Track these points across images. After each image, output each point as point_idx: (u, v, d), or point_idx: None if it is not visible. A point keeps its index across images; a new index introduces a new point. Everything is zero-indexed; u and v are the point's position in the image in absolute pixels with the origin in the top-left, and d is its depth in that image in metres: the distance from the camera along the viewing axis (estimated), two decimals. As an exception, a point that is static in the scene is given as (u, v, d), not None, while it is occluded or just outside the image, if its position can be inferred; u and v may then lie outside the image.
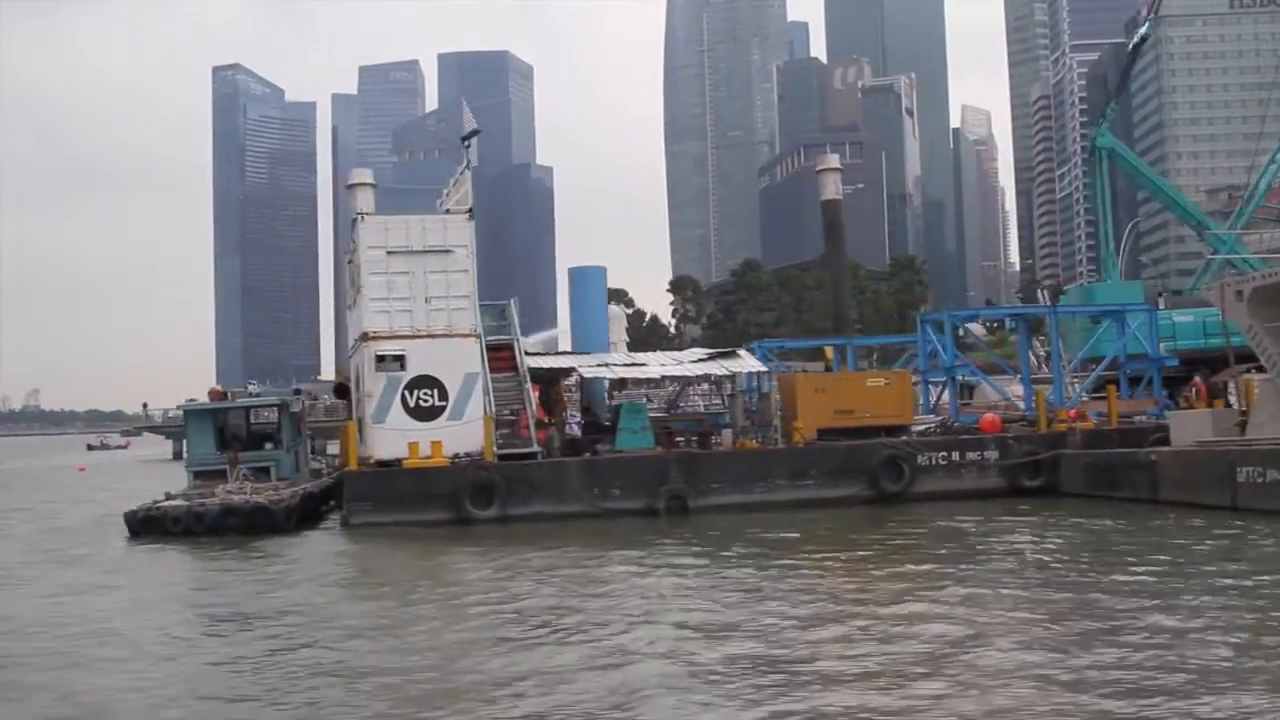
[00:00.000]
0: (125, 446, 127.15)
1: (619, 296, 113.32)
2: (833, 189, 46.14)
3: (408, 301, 30.27)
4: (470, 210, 31.10)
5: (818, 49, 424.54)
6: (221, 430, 33.54)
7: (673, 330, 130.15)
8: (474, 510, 28.42)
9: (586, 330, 36.02)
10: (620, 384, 36.04)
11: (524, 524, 27.96)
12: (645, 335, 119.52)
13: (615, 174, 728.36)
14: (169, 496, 30.06)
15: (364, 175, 43.48)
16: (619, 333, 43.45)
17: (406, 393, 29.92)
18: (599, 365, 32.52)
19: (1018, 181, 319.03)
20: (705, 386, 37.19)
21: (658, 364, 33.13)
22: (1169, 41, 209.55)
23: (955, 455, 31.49)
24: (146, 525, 27.79)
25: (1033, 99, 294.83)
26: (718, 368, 32.73)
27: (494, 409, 30.19)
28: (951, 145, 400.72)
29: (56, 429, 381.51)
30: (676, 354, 35.81)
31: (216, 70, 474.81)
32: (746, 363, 33.16)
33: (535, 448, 30.27)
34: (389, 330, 30.18)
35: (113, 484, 57.54)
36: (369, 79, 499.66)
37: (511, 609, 16.94)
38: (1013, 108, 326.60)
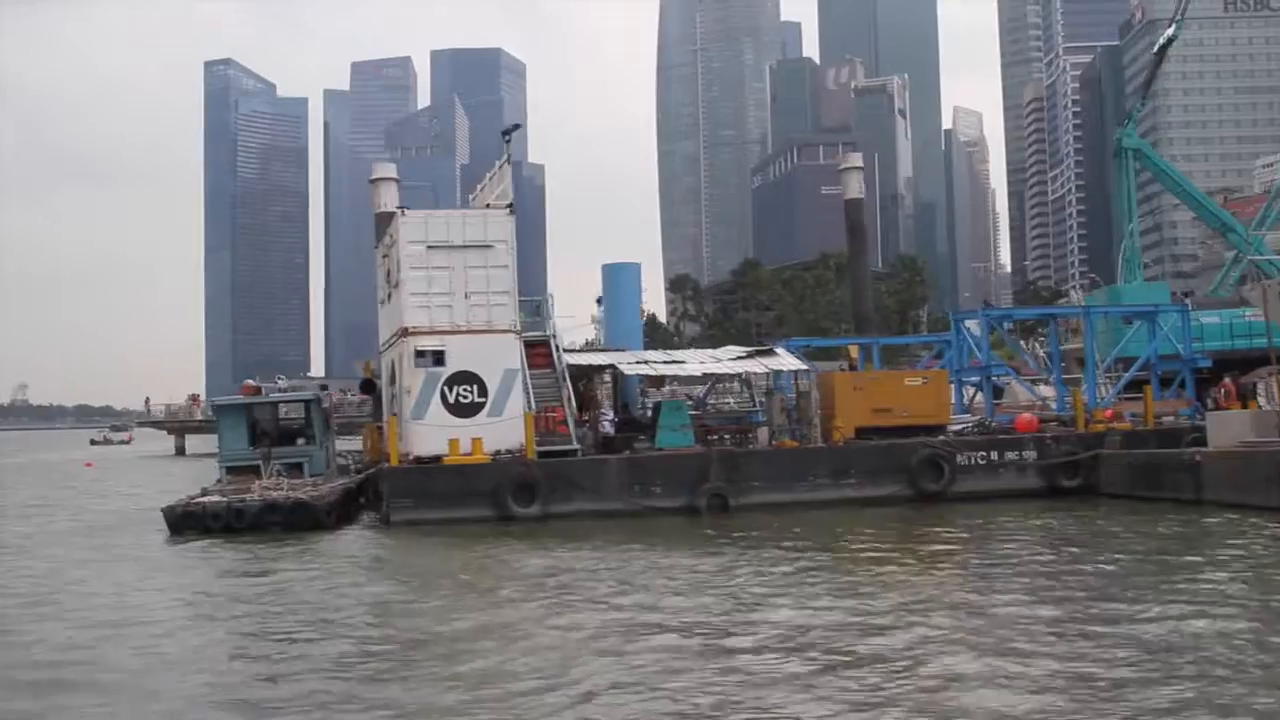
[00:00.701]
0: (128, 441, 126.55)
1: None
2: (856, 188, 46.03)
3: (448, 297, 29.97)
4: (511, 205, 30.87)
5: (810, 49, 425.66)
6: (253, 425, 33.24)
7: (672, 329, 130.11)
8: (516, 508, 28.18)
9: (620, 327, 35.81)
10: (658, 382, 35.82)
11: (565, 522, 27.72)
12: (645, 333, 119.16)
13: (607, 173, 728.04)
14: (205, 492, 29.74)
15: (387, 170, 43.65)
16: None
17: (446, 389, 29.61)
18: (638, 362, 32.34)
19: (1009, 183, 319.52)
20: (735, 384, 36.94)
21: (697, 361, 32.96)
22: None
23: (994, 455, 31.38)
24: (186, 521, 27.46)
25: (1025, 101, 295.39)
26: (758, 365, 32.58)
27: (534, 406, 29.94)
28: (943, 147, 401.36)
29: (45, 424, 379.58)
30: (715, 351, 35.67)
31: (208, 65, 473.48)
32: (786, 361, 33.01)
33: (575, 445, 30.06)
34: (429, 325, 29.88)
35: (127, 480, 57.06)
36: (361, 75, 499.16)
37: (617, 609, 16.69)
38: (1005, 109, 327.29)
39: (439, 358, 29.68)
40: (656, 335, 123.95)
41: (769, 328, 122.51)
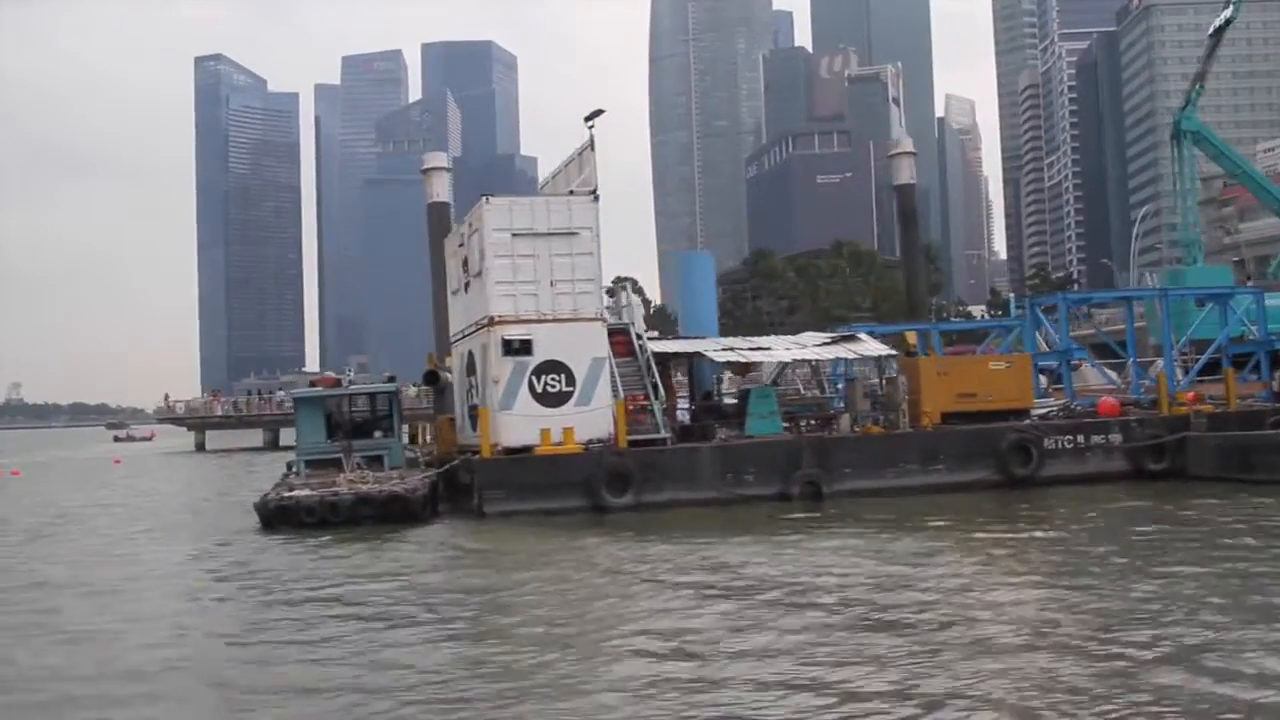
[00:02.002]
0: (150, 438, 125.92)
1: (630, 284, 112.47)
2: (906, 173, 45.70)
3: (533, 285, 29.53)
4: (595, 191, 30.45)
5: (802, 38, 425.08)
6: (329, 418, 32.78)
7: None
8: (609, 498, 27.86)
9: (695, 314, 35.45)
10: (743, 369, 35.45)
11: (658, 511, 27.39)
12: (655, 322, 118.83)
13: (600, 164, 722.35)
14: (291, 486, 29.26)
15: (438, 159, 43.21)
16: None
17: (534, 378, 29.24)
18: (724, 349, 32.01)
19: (1005, 170, 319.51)
20: (805, 370, 36.60)
21: (782, 348, 32.63)
22: (1159, 29, 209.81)
23: (1080, 439, 31.17)
24: (280, 515, 27.04)
25: (1020, 88, 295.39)
26: (845, 351, 32.26)
27: (621, 394, 29.58)
28: (936, 135, 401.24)
29: (40, 422, 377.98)
30: (798, 338, 35.29)
31: (199, 60, 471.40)
32: (871, 346, 32.70)
33: (664, 433, 29.72)
34: (514, 314, 29.46)
35: (164, 478, 56.56)
36: (351, 69, 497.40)
37: (774, 591, 16.45)
38: (1000, 97, 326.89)
39: (526, 346, 29.26)
40: (666, 323, 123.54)
41: (780, 316, 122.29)
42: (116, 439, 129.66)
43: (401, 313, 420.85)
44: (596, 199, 30.35)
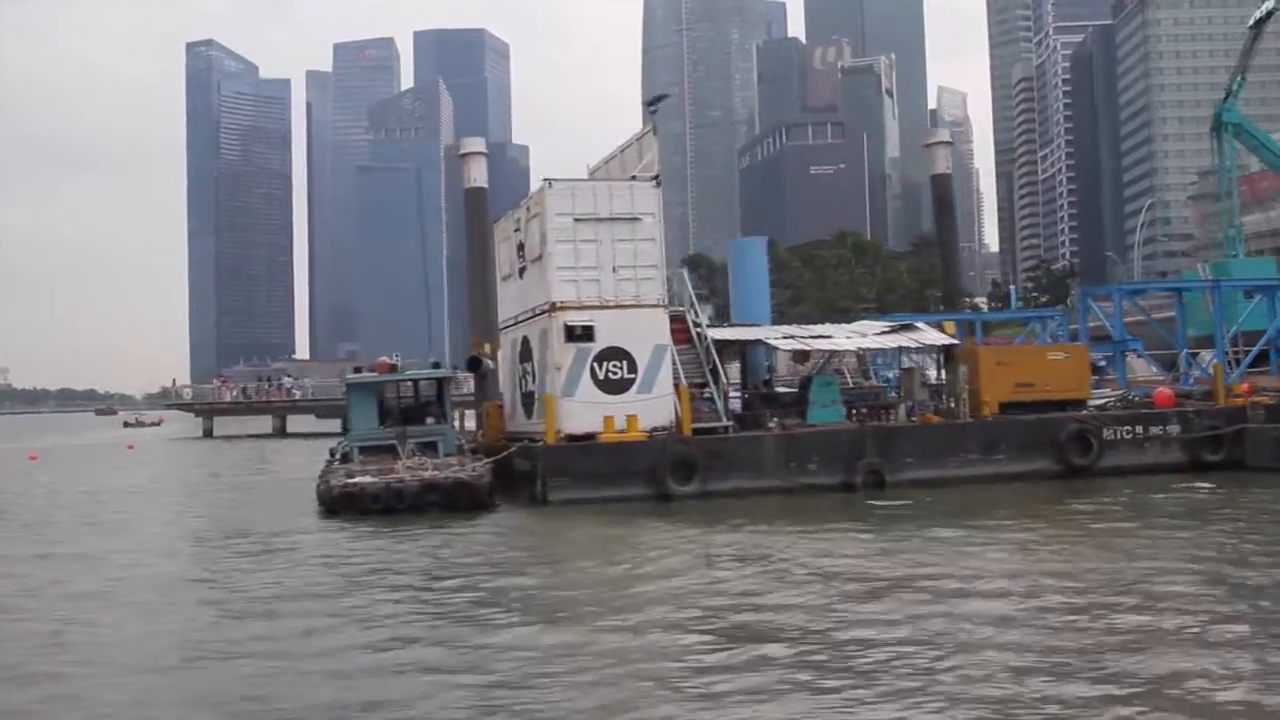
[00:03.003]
0: (159, 423, 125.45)
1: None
2: (944, 163, 45.55)
3: (595, 270, 29.25)
4: (657, 177, 30.17)
5: (796, 29, 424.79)
6: (381, 404, 32.39)
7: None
8: (674, 486, 27.66)
9: (748, 301, 35.20)
10: (803, 357, 35.19)
11: (723, 500, 27.20)
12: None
13: (592, 154, 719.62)
14: (350, 473, 28.85)
15: (476, 144, 42.70)
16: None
17: (595, 365, 28.98)
18: (785, 337, 31.78)
19: (997, 164, 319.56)
20: (850, 360, 36.39)
21: (844, 336, 32.42)
22: (1155, 24, 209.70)
23: (1139, 430, 31.12)
24: (343, 503, 26.76)
25: (1014, 81, 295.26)
26: (908, 339, 32.10)
27: (684, 381, 29.36)
28: (929, 127, 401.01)
29: (29, 408, 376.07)
30: (858, 326, 35.11)
31: (190, 46, 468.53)
32: (933, 335, 32.56)
33: (725, 421, 29.51)
34: (577, 300, 29.19)
35: (180, 463, 56.15)
36: (344, 56, 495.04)
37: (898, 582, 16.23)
38: (993, 90, 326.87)
39: (588, 333, 28.99)
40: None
41: (785, 307, 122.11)
42: (126, 424, 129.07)
43: (393, 300, 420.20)
44: (659, 184, 30.09)
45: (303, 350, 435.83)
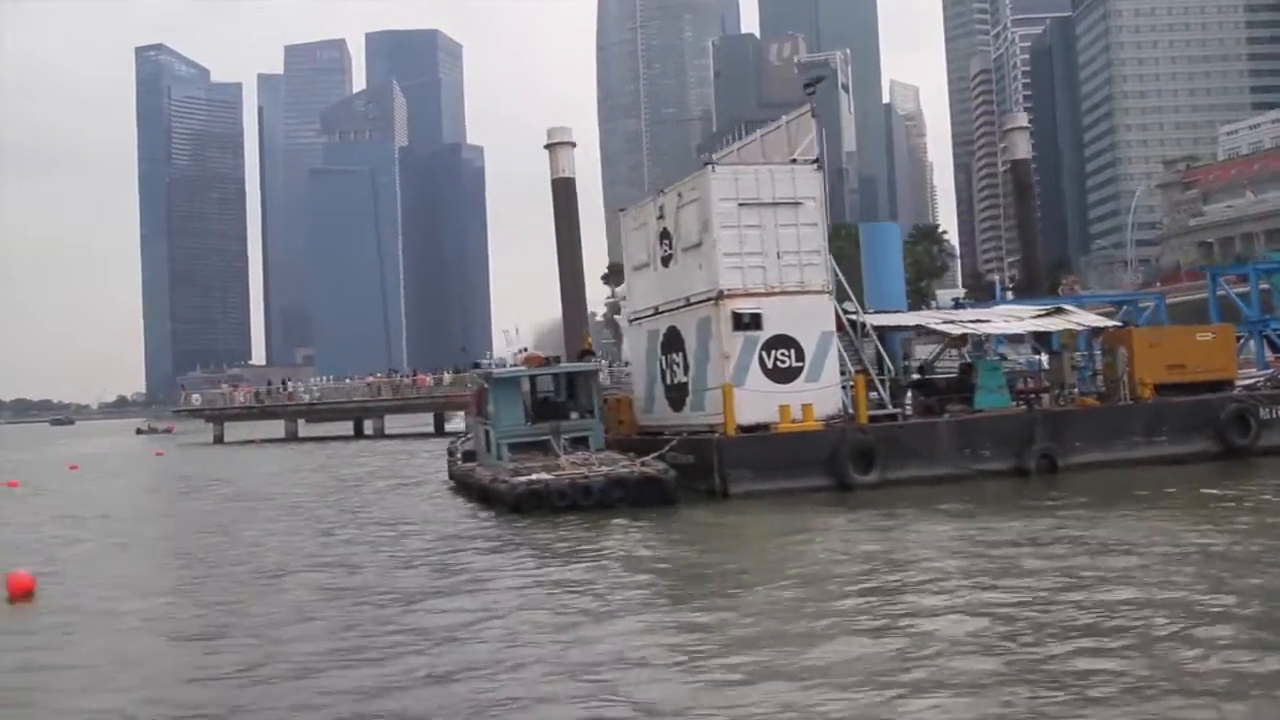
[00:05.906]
0: (170, 430, 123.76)
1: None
2: (1023, 148, 45.38)
3: (759, 257, 28.66)
4: (818, 160, 29.56)
5: (750, 25, 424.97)
6: (528, 398, 31.34)
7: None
8: (855, 475, 27.12)
9: (882, 286, 34.62)
10: (959, 342, 34.58)
11: (900, 488, 26.74)
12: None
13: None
14: (516, 471, 27.87)
15: (564, 134, 41.93)
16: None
17: (764, 353, 28.35)
18: (945, 322, 31.31)
19: (955, 156, 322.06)
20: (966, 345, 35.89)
21: (1001, 320, 31.99)
22: (1117, 15, 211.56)
23: (1293, 409, 30.98)
24: (530, 500, 25.93)
25: (972, 74, 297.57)
26: (1063, 323, 31.77)
27: (852, 369, 28.80)
28: (884, 120, 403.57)
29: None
30: (1013, 309, 34.70)
31: (140, 51, 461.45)
32: (1086, 317, 32.26)
33: (893, 409, 28.99)
34: (743, 287, 28.53)
35: (223, 471, 54.54)
36: (295, 58, 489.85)
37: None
38: (950, 82, 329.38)
39: (756, 321, 28.35)
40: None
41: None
42: (139, 431, 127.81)
43: (349, 304, 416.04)
44: (820, 167, 29.49)
45: (259, 356, 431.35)
